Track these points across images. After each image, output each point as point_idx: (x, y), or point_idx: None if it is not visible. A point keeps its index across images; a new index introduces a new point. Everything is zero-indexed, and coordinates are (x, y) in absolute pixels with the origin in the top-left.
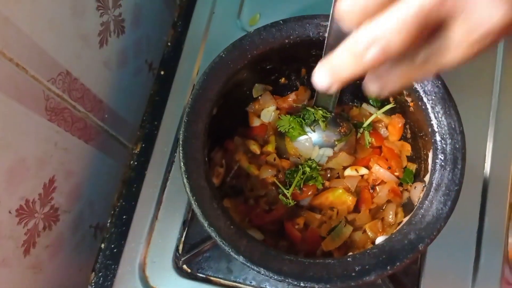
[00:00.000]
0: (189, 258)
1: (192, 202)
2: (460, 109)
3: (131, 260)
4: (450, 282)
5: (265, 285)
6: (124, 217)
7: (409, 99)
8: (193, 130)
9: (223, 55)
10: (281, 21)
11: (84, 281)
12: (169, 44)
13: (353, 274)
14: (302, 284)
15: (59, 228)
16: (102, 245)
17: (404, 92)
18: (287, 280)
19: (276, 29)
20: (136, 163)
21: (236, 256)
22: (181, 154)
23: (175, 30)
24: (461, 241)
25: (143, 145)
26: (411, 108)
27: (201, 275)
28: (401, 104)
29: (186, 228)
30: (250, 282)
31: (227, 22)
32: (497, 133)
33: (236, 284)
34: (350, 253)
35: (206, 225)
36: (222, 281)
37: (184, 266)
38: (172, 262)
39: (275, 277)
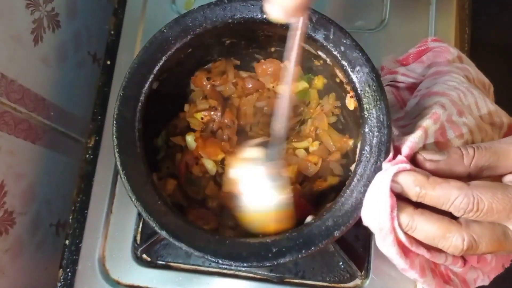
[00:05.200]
0: (147, 247)
1: (121, 175)
2: None
3: (90, 255)
4: None
5: (224, 267)
6: (86, 211)
7: (348, 87)
8: (129, 104)
9: (164, 30)
10: (225, 0)
11: (52, 279)
12: (112, 32)
13: (270, 255)
14: (220, 261)
15: (17, 230)
16: (67, 242)
17: (344, 81)
18: (206, 257)
19: (220, 8)
20: (92, 156)
21: (159, 231)
22: (114, 128)
23: (116, 17)
24: None
25: (97, 138)
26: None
27: (161, 262)
28: (345, 92)
29: (142, 219)
30: (209, 264)
31: (162, 7)
32: None
33: (196, 267)
34: (273, 237)
35: (133, 199)
36: (182, 265)
37: (144, 256)
38: (131, 253)
39: (196, 253)
